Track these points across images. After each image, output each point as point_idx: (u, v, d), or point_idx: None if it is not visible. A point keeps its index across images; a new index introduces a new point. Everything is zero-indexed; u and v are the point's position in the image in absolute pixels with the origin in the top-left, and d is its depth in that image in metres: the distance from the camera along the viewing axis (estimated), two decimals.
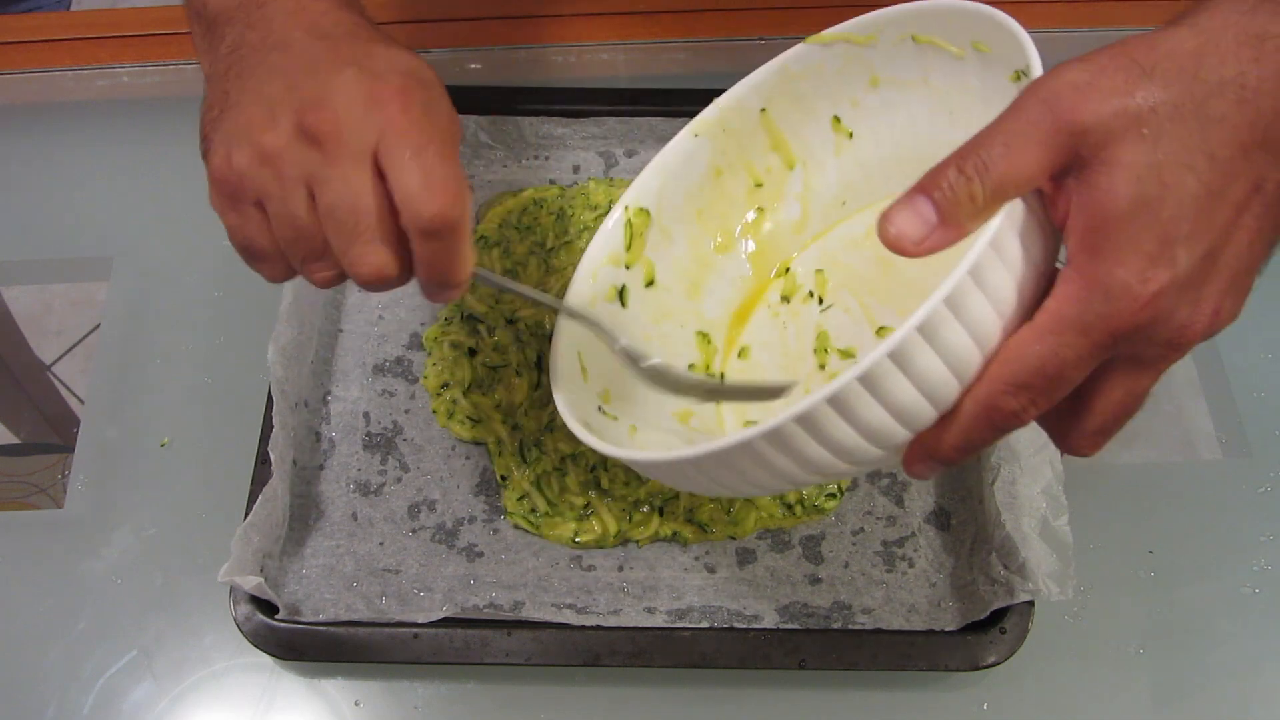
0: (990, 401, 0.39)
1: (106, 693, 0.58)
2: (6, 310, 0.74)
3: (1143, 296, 0.36)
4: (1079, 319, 0.37)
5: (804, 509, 0.61)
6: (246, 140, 0.42)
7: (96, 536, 0.63)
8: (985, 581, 0.57)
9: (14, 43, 0.83)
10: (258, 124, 0.42)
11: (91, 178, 0.77)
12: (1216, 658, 0.59)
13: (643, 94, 0.74)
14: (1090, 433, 0.41)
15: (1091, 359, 0.38)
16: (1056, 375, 0.38)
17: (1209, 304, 0.37)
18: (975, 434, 0.40)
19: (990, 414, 0.39)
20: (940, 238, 0.38)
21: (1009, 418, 0.39)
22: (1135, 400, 0.40)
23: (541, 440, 0.63)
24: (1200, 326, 0.37)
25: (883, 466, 0.48)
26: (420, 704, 0.58)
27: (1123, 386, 0.39)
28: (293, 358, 0.62)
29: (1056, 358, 0.37)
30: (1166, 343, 0.37)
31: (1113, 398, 0.40)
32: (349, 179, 0.41)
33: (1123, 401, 0.40)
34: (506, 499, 0.62)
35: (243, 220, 0.43)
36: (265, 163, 0.41)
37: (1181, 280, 0.36)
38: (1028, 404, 0.38)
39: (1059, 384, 0.38)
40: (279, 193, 0.42)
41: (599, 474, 0.62)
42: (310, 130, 0.41)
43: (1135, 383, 0.39)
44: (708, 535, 0.61)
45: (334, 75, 0.42)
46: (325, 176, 0.41)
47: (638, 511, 0.61)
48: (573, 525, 0.61)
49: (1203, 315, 0.37)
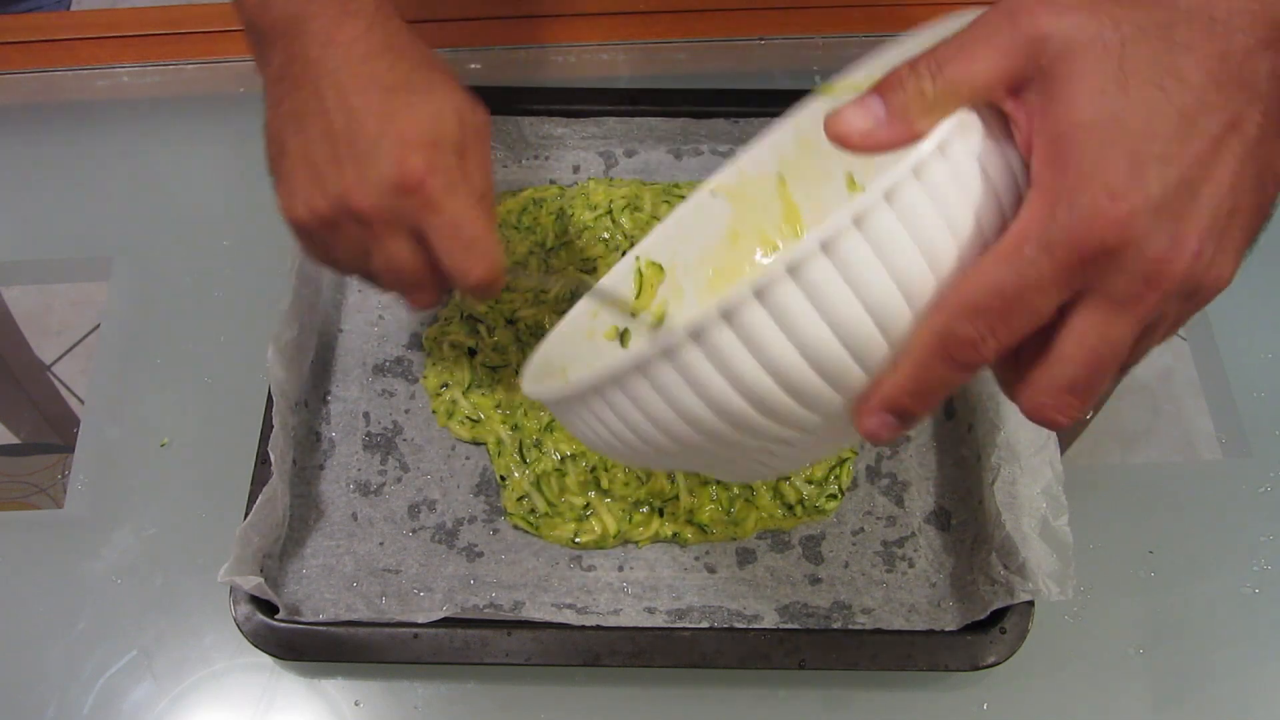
0: (943, 328, 0.35)
1: (106, 693, 0.58)
2: (6, 310, 0.74)
3: (1112, 214, 0.33)
4: (1042, 235, 0.34)
5: (804, 509, 0.61)
6: (304, 203, 0.48)
7: (96, 536, 0.63)
8: (985, 581, 0.57)
9: (14, 43, 0.83)
10: (310, 191, 0.48)
11: (91, 178, 0.77)
12: (1216, 658, 0.59)
13: (643, 94, 0.74)
14: (1057, 387, 0.36)
15: (1056, 283, 0.34)
16: (1017, 297, 0.34)
17: (1189, 241, 0.34)
18: (929, 369, 0.36)
19: (944, 342, 0.35)
20: (887, 134, 0.36)
21: (965, 347, 0.35)
22: (1110, 350, 0.35)
23: (541, 440, 0.63)
24: (1181, 266, 0.34)
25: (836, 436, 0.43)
26: (420, 704, 0.58)
27: (1095, 329, 0.35)
28: (293, 358, 0.62)
29: (1017, 276, 0.34)
30: (1143, 277, 0.34)
31: (1084, 342, 0.35)
32: (393, 251, 0.48)
33: (1095, 348, 0.35)
34: (506, 499, 0.62)
35: (316, 250, 0.51)
36: (322, 226, 0.48)
37: (1155, 203, 0.33)
38: (986, 332, 0.35)
39: (1020, 309, 0.34)
40: (339, 247, 0.49)
41: (599, 474, 0.62)
42: (354, 212, 0.47)
43: (1109, 325, 0.35)
44: (708, 536, 0.61)
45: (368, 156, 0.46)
46: (374, 247, 0.48)
47: (638, 512, 0.61)
48: (572, 526, 0.61)
49: (1183, 253, 0.34)
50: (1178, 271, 0.34)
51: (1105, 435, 0.67)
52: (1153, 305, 0.35)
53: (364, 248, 0.49)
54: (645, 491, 0.61)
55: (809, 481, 0.62)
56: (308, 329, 0.64)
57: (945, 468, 0.63)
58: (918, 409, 0.37)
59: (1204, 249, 0.34)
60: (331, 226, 0.48)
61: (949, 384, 0.37)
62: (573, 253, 0.69)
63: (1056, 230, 0.34)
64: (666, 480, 0.62)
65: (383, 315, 0.69)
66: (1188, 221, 0.34)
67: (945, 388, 0.37)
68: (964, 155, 0.36)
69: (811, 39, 0.82)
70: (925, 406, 0.37)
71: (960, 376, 0.36)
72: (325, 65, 0.47)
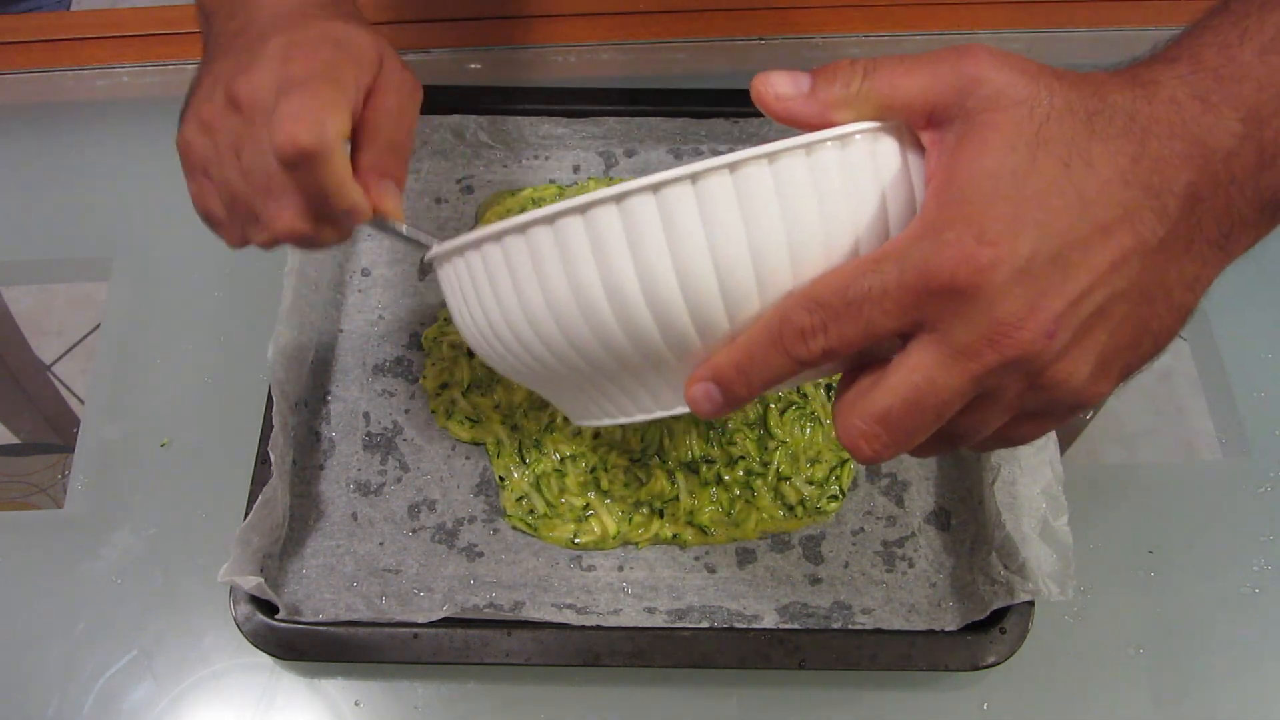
0: (782, 313, 0.36)
1: (106, 693, 0.58)
2: (6, 310, 0.74)
3: (974, 256, 0.32)
4: (903, 255, 0.34)
5: (805, 510, 0.61)
6: (194, 113, 0.45)
7: (96, 536, 0.63)
8: (985, 581, 0.57)
9: (14, 43, 0.83)
10: (202, 97, 0.45)
11: (91, 178, 0.77)
12: (1216, 658, 0.59)
13: (643, 94, 0.74)
14: (871, 413, 0.35)
15: (899, 304, 0.34)
16: (856, 302, 0.34)
17: (1042, 317, 0.33)
18: (760, 348, 0.36)
19: (780, 325, 0.35)
20: (801, 107, 0.36)
21: (796, 336, 0.35)
22: (933, 394, 0.34)
23: (541, 441, 0.63)
24: (1027, 337, 0.33)
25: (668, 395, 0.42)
26: (420, 704, 0.58)
27: (924, 368, 0.34)
28: (293, 358, 0.62)
29: (861, 282, 0.34)
30: (986, 333, 0.33)
31: (910, 378, 0.34)
32: (260, 140, 0.43)
33: (918, 386, 0.34)
34: (505, 500, 0.62)
35: (198, 188, 0.47)
36: (204, 131, 0.45)
37: (1021, 264, 0.32)
38: (819, 326, 0.35)
39: (856, 315, 0.34)
40: (215, 159, 0.45)
41: (599, 474, 0.62)
42: (233, 98, 0.43)
43: (939, 370, 0.34)
44: (709, 538, 0.61)
45: (264, 46, 0.44)
46: (245, 139, 0.43)
47: (638, 513, 0.61)
48: (572, 526, 0.61)
49: (1032, 326, 0.33)
50: (1023, 341, 0.33)
51: (1105, 435, 0.67)
52: (989, 367, 0.34)
53: (236, 149, 0.44)
54: (645, 493, 0.61)
55: (810, 482, 0.62)
56: (308, 329, 0.64)
57: (945, 468, 0.63)
58: (739, 388, 0.37)
59: (1058, 333, 0.33)
60: (208, 129, 0.45)
61: (775, 372, 0.36)
62: None
63: (916, 253, 0.33)
64: (667, 481, 0.62)
65: (383, 315, 0.69)
66: (1048, 297, 0.33)
67: (770, 375, 0.36)
68: (864, 159, 0.37)
69: (811, 39, 0.82)
70: (747, 388, 0.37)
71: (786, 367, 0.36)
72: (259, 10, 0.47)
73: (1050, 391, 0.35)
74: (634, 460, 0.63)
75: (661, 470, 0.62)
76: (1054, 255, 0.33)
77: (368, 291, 0.69)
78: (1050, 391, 0.35)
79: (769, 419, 0.63)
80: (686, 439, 0.63)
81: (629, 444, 0.63)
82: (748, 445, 0.63)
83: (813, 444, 0.63)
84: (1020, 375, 0.34)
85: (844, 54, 0.81)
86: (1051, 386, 0.35)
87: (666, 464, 0.62)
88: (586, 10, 0.83)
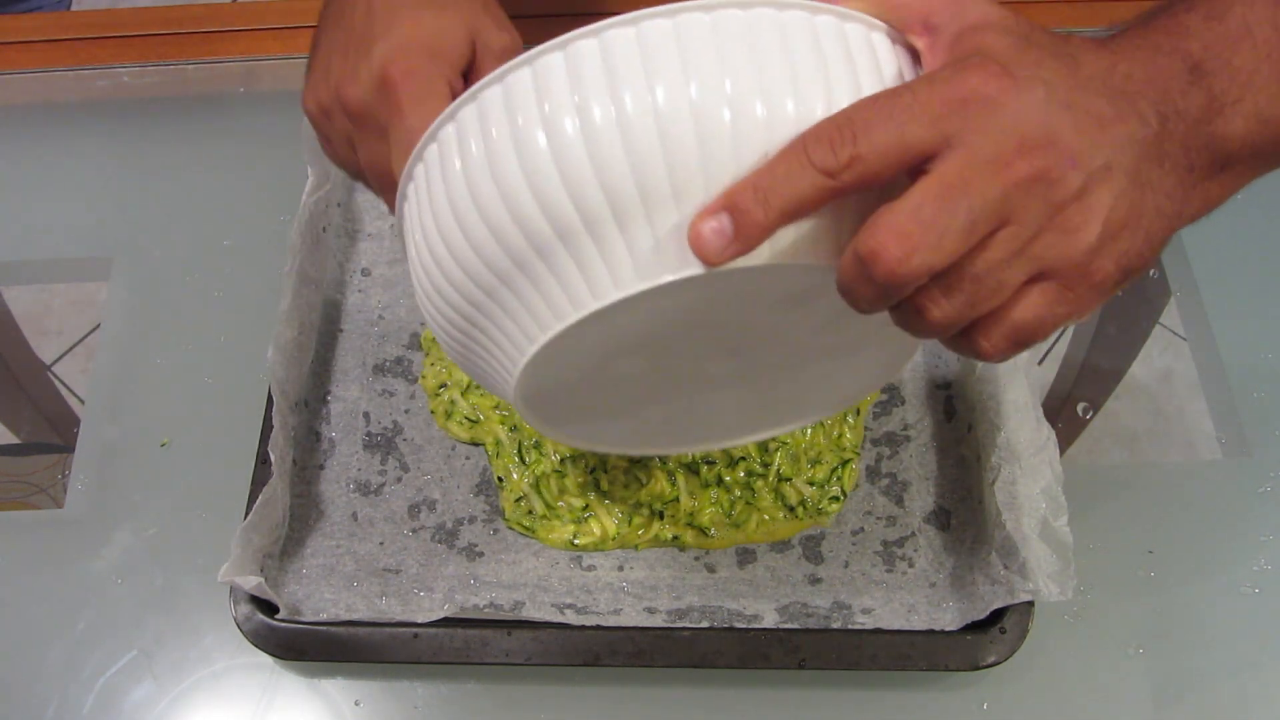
0: (809, 133, 0.34)
1: (106, 693, 0.58)
2: (6, 310, 0.74)
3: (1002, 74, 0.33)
4: (930, 74, 0.34)
5: (806, 511, 0.61)
6: (313, 90, 0.50)
7: (96, 536, 0.63)
8: (985, 581, 0.57)
9: (14, 43, 0.83)
10: (319, 75, 0.50)
11: (91, 178, 0.77)
12: (1216, 658, 0.59)
13: None
14: (900, 210, 0.33)
15: (930, 109, 0.33)
16: (888, 109, 0.33)
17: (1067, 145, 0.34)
18: (779, 164, 0.34)
19: (806, 139, 0.34)
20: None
21: (822, 144, 0.33)
22: (964, 193, 0.33)
23: (541, 442, 0.63)
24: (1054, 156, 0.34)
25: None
26: (420, 704, 0.58)
27: (957, 168, 0.33)
28: (293, 358, 0.62)
29: (893, 95, 0.34)
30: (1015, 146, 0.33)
31: (943, 177, 0.33)
32: (373, 148, 0.48)
33: (950, 183, 0.33)
34: (504, 500, 0.62)
35: (326, 146, 0.52)
36: (324, 114, 0.50)
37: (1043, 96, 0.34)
38: (848, 136, 0.33)
39: (888, 119, 0.33)
40: (336, 140, 0.51)
41: (598, 475, 0.62)
42: (345, 103, 0.48)
43: (973, 171, 0.33)
44: (709, 540, 0.61)
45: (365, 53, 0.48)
46: (358, 139, 0.49)
47: (637, 514, 0.61)
48: (571, 528, 0.61)
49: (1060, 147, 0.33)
50: (1050, 160, 0.33)
51: (1105, 435, 0.67)
52: (1019, 178, 0.33)
53: (352, 142, 0.50)
54: (645, 494, 0.61)
55: (811, 483, 0.62)
56: (308, 329, 0.64)
57: (945, 468, 0.63)
58: (756, 212, 0.34)
59: (1078, 165, 0.34)
60: (328, 116, 0.50)
61: (796, 190, 0.34)
62: None
63: (947, 71, 0.34)
64: (667, 483, 0.62)
65: (383, 315, 0.69)
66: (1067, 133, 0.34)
67: (791, 194, 0.34)
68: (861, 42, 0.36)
69: None
70: (764, 212, 0.34)
71: (810, 185, 0.34)
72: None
73: (1065, 239, 0.34)
74: (634, 461, 0.63)
75: (661, 471, 0.62)
76: (1066, 103, 0.34)
77: (368, 291, 0.69)
78: (1065, 239, 0.34)
79: None
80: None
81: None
82: (749, 446, 0.63)
83: (814, 444, 0.63)
84: (1044, 204, 0.34)
85: None
86: (1068, 230, 0.34)
87: (667, 465, 0.62)
88: (586, 10, 0.83)
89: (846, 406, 0.55)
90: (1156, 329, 0.71)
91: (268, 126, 0.79)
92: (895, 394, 0.66)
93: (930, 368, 0.66)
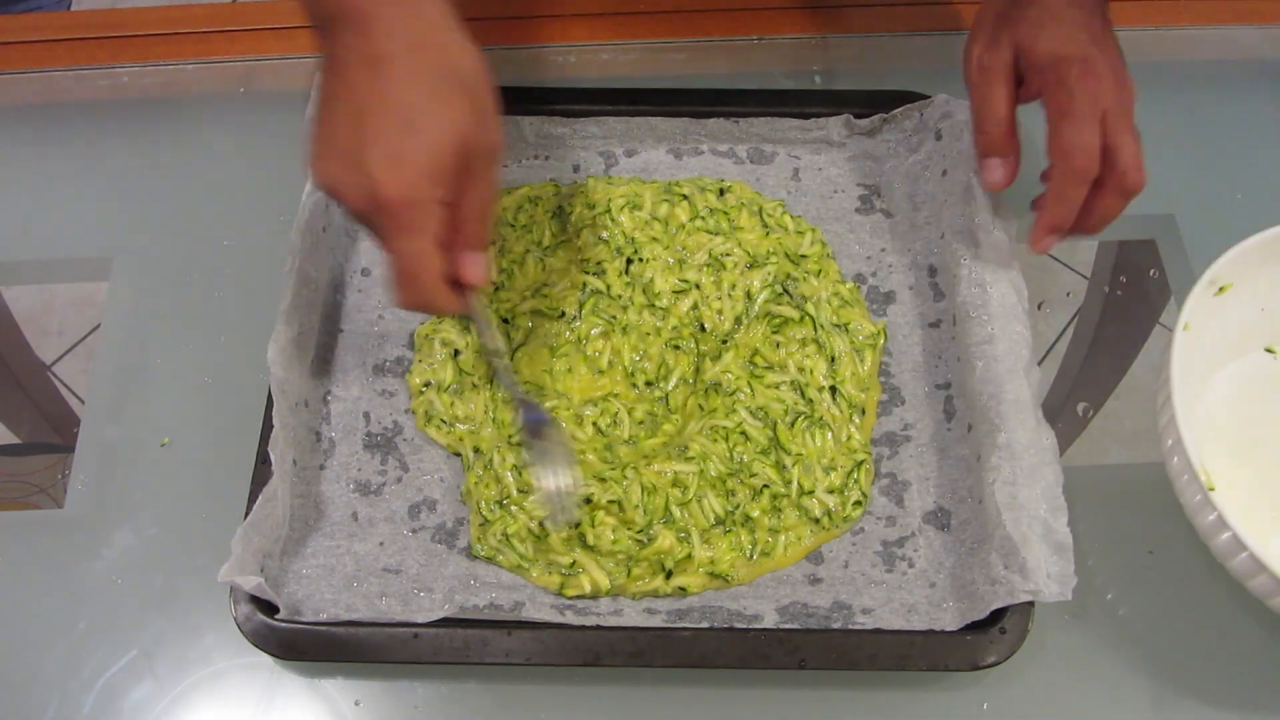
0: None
1: (106, 693, 0.58)
2: (6, 310, 0.74)
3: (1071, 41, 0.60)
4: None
5: (832, 520, 0.61)
6: (324, 161, 0.52)
7: (96, 536, 0.63)
8: (985, 581, 0.57)
9: (14, 43, 0.83)
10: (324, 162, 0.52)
11: (91, 178, 0.77)
12: (1216, 658, 0.59)
13: (643, 94, 0.74)
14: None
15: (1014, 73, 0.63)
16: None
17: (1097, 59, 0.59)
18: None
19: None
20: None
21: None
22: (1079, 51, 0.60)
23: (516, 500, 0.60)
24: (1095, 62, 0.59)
25: None
26: (420, 704, 0.58)
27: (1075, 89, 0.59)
28: (293, 358, 0.62)
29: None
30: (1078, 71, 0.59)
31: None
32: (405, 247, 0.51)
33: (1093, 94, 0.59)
34: (471, 522, 0.60)
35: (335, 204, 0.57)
36: (336, 188, 0.51)
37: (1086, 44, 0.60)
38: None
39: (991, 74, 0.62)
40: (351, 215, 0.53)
41: (584, 530, 0.59)
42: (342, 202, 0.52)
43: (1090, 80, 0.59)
44: (727, 584, 0.59)
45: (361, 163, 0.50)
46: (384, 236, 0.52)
47: (636, 567, 0.59)
48: (557, 579, 0.59)
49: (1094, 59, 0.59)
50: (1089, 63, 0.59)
51: (1105, 435, 0.67)
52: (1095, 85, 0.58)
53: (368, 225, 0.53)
54: (650, 552, 0.59)
55: (830, 491, 0.61)
56: (308, 329, 0.64)
57: (945, 468, 0.63)
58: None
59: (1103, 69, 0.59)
60: (341, 191, 0.52)
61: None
62: (570, 251, 0.69)
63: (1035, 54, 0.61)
64: (676, 540, 0.59)
65: (383, 315, 0.69)
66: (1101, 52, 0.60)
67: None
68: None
69: (811, 39, 0.82)
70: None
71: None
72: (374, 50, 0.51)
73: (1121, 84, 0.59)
74: (637, 531, 0.60)
75: (669, 529, 0.60)
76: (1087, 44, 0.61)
77: (368, 291, 0.69)
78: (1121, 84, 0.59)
79: (779, 434, 0.62)
80: (703, 504, 0.60)
81: (628, 516, 0.60)
82: (767, 471, 0.62)
83: (825, 451, 0.63)
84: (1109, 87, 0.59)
85: (844, 54, 0.81)
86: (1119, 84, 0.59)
87: (677, 524, 0.60)
88: (587, 10, 0.83)
89: None
90: (1156, 329, 0.71)
91: (268, 126, 0.79)
92: (895, 394, 0.66)
93: (930, 368, 0.66)
